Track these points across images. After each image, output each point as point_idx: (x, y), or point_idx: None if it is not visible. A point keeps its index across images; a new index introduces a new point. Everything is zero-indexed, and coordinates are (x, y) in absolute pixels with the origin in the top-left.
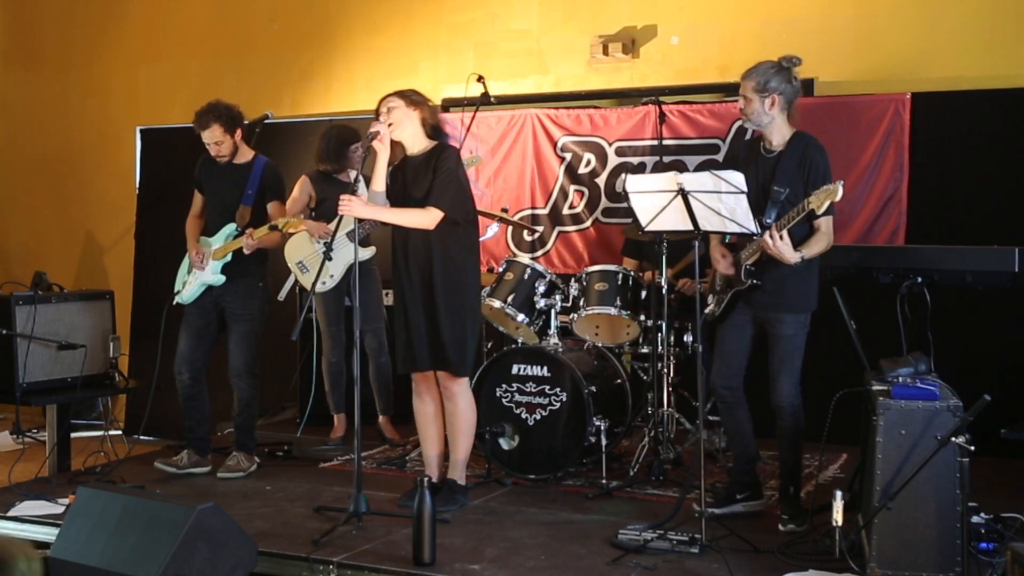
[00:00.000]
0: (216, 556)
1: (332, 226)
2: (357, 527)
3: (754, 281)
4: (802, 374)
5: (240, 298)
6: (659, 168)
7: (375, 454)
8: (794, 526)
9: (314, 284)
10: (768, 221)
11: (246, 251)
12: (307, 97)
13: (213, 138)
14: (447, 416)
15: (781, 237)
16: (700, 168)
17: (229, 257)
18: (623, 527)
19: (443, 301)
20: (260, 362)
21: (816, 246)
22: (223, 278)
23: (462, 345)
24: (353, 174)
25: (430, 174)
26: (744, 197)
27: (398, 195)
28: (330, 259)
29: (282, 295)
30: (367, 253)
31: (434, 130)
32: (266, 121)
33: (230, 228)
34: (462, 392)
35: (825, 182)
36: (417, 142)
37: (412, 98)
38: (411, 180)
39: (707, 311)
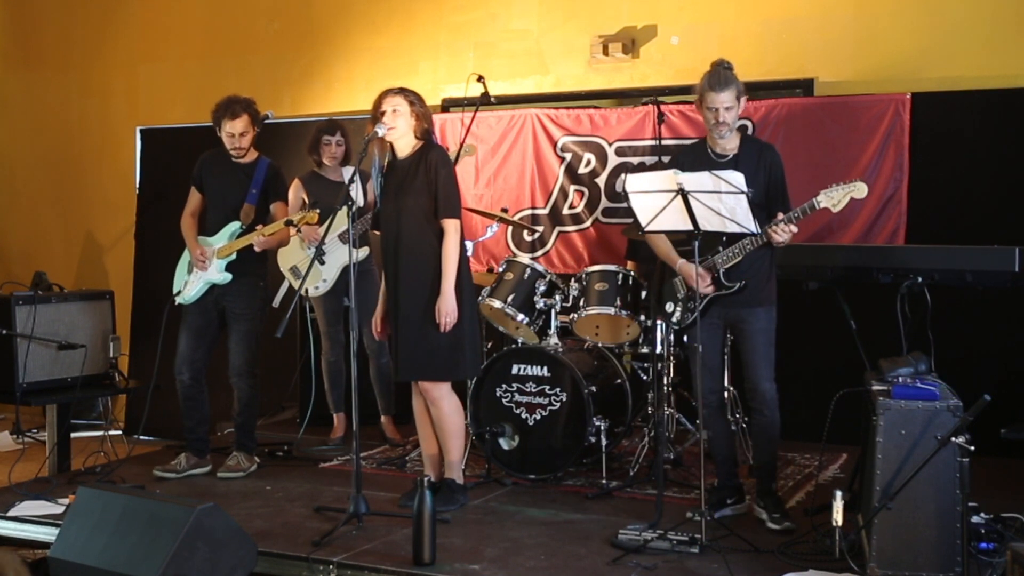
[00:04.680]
0: (216, 556)
1: (321, 230)
2: (357, 527)
3: (741, 283)
4: (802, 374)
5: (242, 297)
6: (659, 168)
7: (375, 454)
8: (789, 523)
9: (301, 286)
10: None
11: (257, 248)
12: (307, 97)
13: (239, 129)
14: (434, 421)
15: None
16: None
17: (234, 256)
18: (623, 527)
19: (434, 306)
20: (260, 362)
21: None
22: (229, 276)
23: (449, 350)
24: (347, 172)
25: (420, 174)
26: (744, 197)
27: (391, 201)
28: (322, 263)
29: (276, 302)
30: (362, 254)
31: (424, 134)
32: (266, 121)
33: (234, 226)
34: (444, 396)
35: (784, 183)
36: (407, 147)
37: (417, 109)
38: (401, 184)
39: (674, 320)
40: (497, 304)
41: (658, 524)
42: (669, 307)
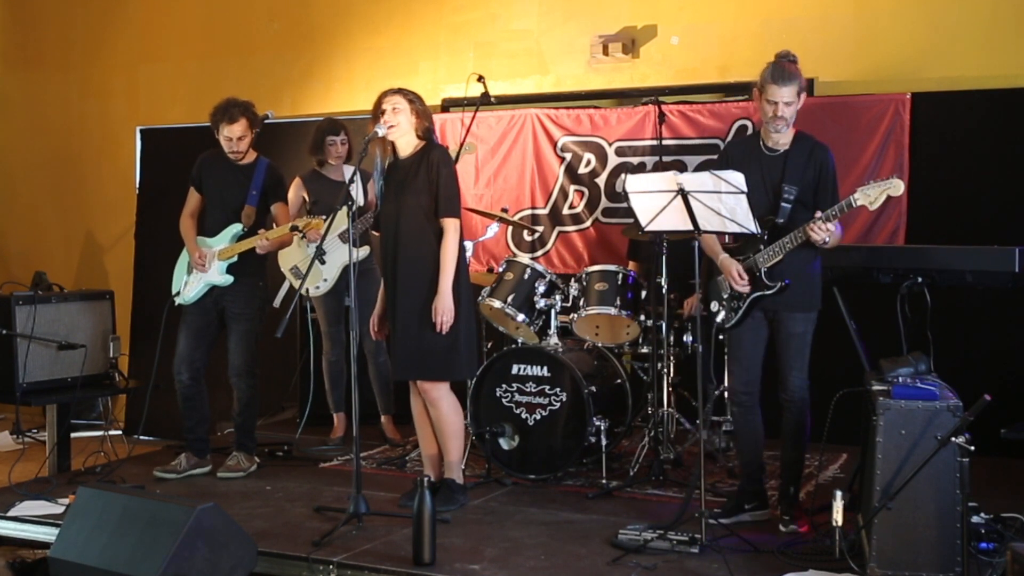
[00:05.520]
0: (216, 556)
1: (322, 230)
2: (357, 527)
3: (784, 282)
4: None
5: (241, 298)
6: (659, 168)
7: (375, 454)
8: (794, 527)
9: (301, 286)
10: (780, 221)
11: (260, 251)
12: (307, 97)
13: (237, 133)
14: (433, 422)
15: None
16: (700, 168)
17: (235, 257)
18: (623, 527)
19: (431, 306)
20: (260, 362)
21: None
22: (230, 278)
23: (445, 351)
24: (347, 171)
25: (422, 173)
26: (744, 197)
27: (391, 200)
28: (323, 262)
29: (276, 301)
30: (362, 253)
31: (425, 133)
32: (266, 121)
33: (236, 228)
34: (442, 396)
35: (835, 183)
36: (409, 146)
37: (417, 107)
38: (402, 183)
39: (718, 320)
40: (497, 304)
41: (678, 524)
42: (714, 307)
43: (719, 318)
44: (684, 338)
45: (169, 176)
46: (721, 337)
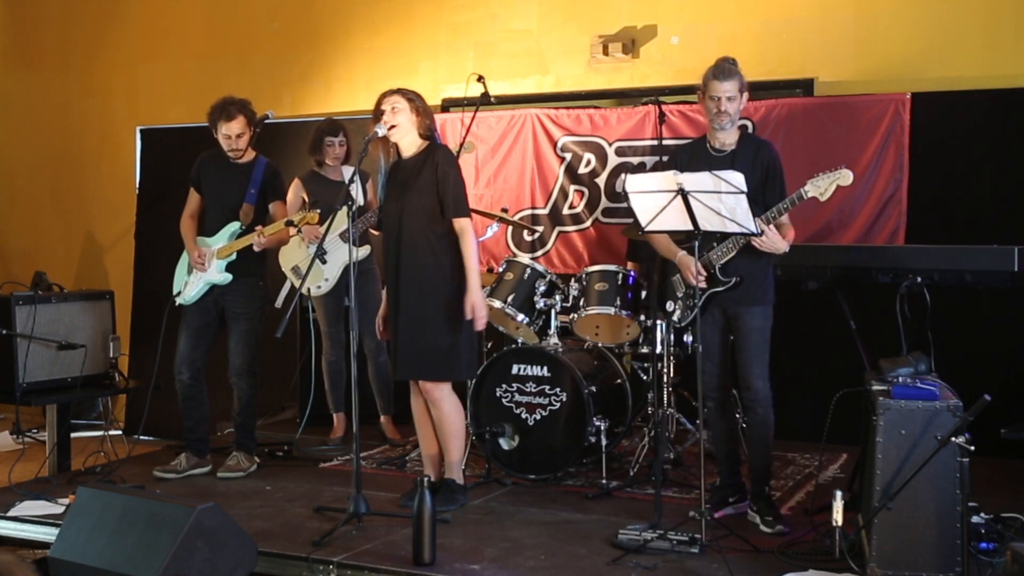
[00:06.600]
0: (216, 556)
1: (321, 230)
2: (357, 527)
3: (737, 279)
4: (802, 374)
5: (241, 297)
6: (659, 168)
7: (375, 454)
8: (781, 527)
9: (301, 285)
10: None
11: (257, 248)
12: (307, 97)
13: (235, 130)
14: (435, 422)
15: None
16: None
17: (234, 256)
18: (623, 527)
19: (433, 306)
20: (260, 362)
21: (791, 233)
22: (229, 276)
23: (447, 351)
24: (347, 172)
25: (426, 174)
26: (744, 197)
27: (394, 200)
28: (324, 262)
29: (278, 302)
30: (363, 252)
31: (428, 132)
32: (266, 121)
33: (234, 227)
34: (444, 396)
35: (782, 180)
36: (412, 145)
37: (417, 105)
38: (405, 183)
39: (674, 317)
40: (497, 304)
41: (658, 524)
42: (669, 306)
43: (675, 316)
44: (684, 338)
45: (169, 176)
46: (686, 337)
